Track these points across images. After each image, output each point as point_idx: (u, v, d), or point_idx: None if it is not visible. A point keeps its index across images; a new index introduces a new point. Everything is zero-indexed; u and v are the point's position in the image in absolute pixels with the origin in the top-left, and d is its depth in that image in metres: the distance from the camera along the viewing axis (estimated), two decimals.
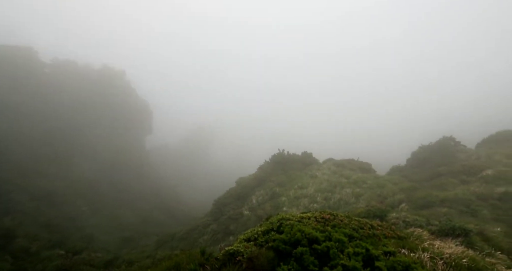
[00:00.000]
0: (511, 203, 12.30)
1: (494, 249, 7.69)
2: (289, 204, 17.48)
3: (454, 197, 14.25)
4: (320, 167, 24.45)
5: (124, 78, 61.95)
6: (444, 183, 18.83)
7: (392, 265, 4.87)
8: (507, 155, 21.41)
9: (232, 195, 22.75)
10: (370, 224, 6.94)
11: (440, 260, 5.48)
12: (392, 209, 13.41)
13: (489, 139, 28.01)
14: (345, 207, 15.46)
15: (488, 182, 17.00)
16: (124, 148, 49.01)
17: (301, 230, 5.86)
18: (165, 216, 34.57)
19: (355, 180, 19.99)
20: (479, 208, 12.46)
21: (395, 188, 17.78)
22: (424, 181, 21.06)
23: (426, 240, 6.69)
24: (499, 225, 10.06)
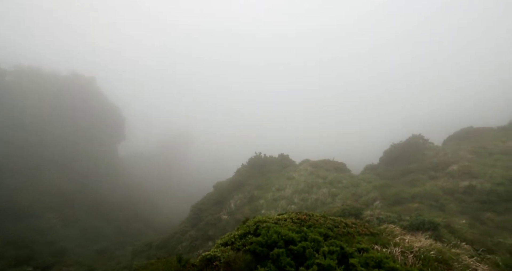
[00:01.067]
0: (474, 196, 13.00)
1: (460, 240, 8.12)
2: (267, 206, 17.56)
3: (424, 192, 14.84)
4: (297, 168, 24.78)
5: (94, 84, 59.98)
6: (415, 179, 19.58)
7: (365, 261, 5.03)
8: (470, 151, 22.63)
9: (210, 200, 22.54)
10: (345, 223, 7.13)
11: (410, 254, 5.72)
12: (367, 207, 13.79)
13: (454, 136, 29.52)
14: (322, 207, 15.74)
15: (454, 177, 17.88)
16: (97, 157, 47.30)
17: (277, 231, 5.93)
18: (142, 225, 33.60)
19: (331, 180, 20.42)
20: (446, 202, 13.07)
21: (369, 186, 18.32)
22: (396, 178, 21.83)
23: (397, 235, 6.95)
24: (464, 218, 10.62)
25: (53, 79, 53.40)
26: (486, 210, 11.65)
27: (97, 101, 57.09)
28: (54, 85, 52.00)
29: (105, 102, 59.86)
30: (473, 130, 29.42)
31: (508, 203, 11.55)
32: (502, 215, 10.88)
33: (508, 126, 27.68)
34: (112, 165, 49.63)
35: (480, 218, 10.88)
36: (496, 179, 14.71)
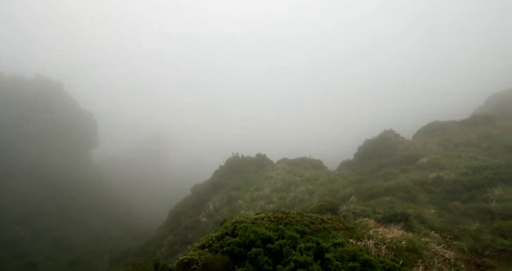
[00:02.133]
0: (442, 186, 13.67)
1: (429, 229, 8.52)
2: (246, 206, 17.60)
3: (396, 185, 15.35)
4: (275, 167, 25.00)
5: (62, 89, 57.48)
6: (388, 173, 20.26)
7: (340, 255, 5.17)
8: (437, 144, 23.74)
9: (188, 203, 22.28)
10: (321, 219, 7.28)
11: (383, 245, 5.94)
12: (343, 202, 14.11)
13: (423, 130, 30.85)
14: (300, 204, 15.97)
15: (423, 169, 18.70)
16: (69, 163, 45.37)
17: (255, 231, 5.96)
18: (119, 232, 32.58)
19: (308, 178, 20.76)
20: (417, 193, 13.63)
21: (345, 182, 18.79)
22: (370, 173, 22.54)
23: (371, 228, 7.18)
24: (433, 207, 11.14)
25: (15, 84, 50.64)
26: (452, 199, 12.27)
27: (66, 106, 54.80)
28: (18, 90, 49.34)
29: (76, 107, 57.58)
30: (440, 124, 30.91)
31: (472, 192, 12.24)
32: (466, 203, 11.51)
33: (470, 119, 29.33)
34: (85, 172, 47.80)
35: (447, 207, 11.45)
36: (461, 169, 15.55)
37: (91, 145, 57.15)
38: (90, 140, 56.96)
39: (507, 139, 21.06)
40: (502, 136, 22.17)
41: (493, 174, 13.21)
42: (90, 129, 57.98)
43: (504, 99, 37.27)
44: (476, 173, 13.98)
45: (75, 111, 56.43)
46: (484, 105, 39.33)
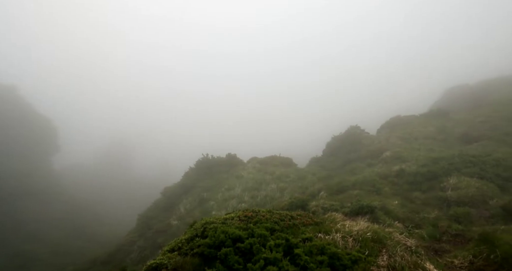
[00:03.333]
0: (404, 178, 14.37)
1: (393, 220, 8.93)
2: (218, 207, 17.46)
3: (363, 179, 15.88)
4: (245, 166, 25.02)
5: (15, 93, 53.61)
6: (355, 168, 21.00)
7: (309, 250, 5.26)
8: (399, 137, 24.93)
9: (158, 207, 21.70)
10: (290, 215, 7.36)
11: (350, 238, 6.13)
12: (313, 198, 14.39)
13: (386, 125, 32.24)
14: (272, 202, 16.10)
15: (387, 162, 19.56)
16: (25, 172, 42.39)
17: (224, 231, 5.92)
18: (84, 241, 30.94)
19: (278, 176, 21.00)
20: (382, 186, 14.20)
21: (314, 178, 19.23)
22: (338, 168, 23.24)
23: (339, 222, 7.37)
24: (397, 199, 11.67)
25: None
26: (414, 190, 12.95)
27: (21, 111, 51.15)
28: None
29: (32, 112, 53.94)
30: (401, 118, 32.49)
31: (431, 182, 12.99)
32: (426, 193, 12.19)
33: (428, 113, 31.10)
34: (45, 180, 44.91)
35: (410, 197, 12.05)
36: (421, 161, 16.44)
37: (51, 151, 53.86)
38: (50, 146, 53.60)
39: (459, 131, 22.58)
40: (455, 128, 23.73)
41: (448, 165, 14.09)
42: (49, 135, 54.57)
43: (456, 93, 39.97)
44: (434, 164, 14.84)
45: (32, 116, 52.88)
46: (440, 100, 41.88)
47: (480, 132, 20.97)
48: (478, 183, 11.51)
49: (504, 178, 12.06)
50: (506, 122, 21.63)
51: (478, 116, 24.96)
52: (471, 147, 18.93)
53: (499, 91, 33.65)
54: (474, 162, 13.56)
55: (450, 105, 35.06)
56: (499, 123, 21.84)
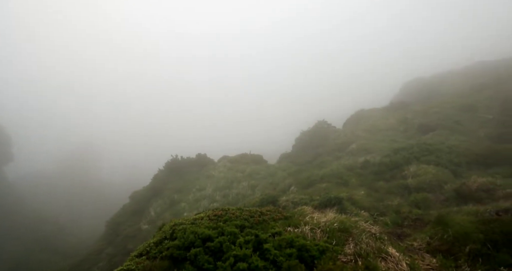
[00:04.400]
0: (369, 169, 15.01)
1: (360, 209, 9.31)
2: (190, 208, 17.23)
3: (331, 172, 16.37)
4: (216, 166, 24.87)
5: None
6: (323, 161, 21.58)
7: (278, 244, 5.35)
8: (364, 130, 25.96)
9: (127, 212, 20.98)
10: (260, 212, 7.43)
11: (318, 229, 6.30)
12: (284, 193, 14.62)
13: (351, 119, 33.44)
14: (243, 200, 16.15)
15: (353, 154, 20.32)
16: None
17: (194, 231, 5.86)
18: (47, 253, 29.10)
19: (249, 173, 21.10)
20: (349, 177, 14.73)
21: (284, 174, 19.53)
22: (307, 163, 23.77)
23: (308, 214, 7.56)
24: (363, 189, 12.17)
25: None
26: (378, 179, 13.56)
27: None
28: None
29: None
30: (365, 112, 33.88)
31: (393, 171, 13.68)
32: (389, 182, 12.82)
33: (389, 106, 32.65)
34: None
35: (374, 187, 12.61)
36: (384, 152, 17.26)
37: (5, 160, 50.11)
38: (2, 155, 49.89)
39: (417, 122, 23.91)
40: (414, 119, 25.11)
41: (408, 154, 14.90)
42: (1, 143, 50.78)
43: (413, 86, 42.32)
44: (395, 154, 15.62)
45: None
46: (400, 93, 44.11)
47: (435, 122, 22.35)
48: (434, 169, 12.30)
49: (456, 163, 12.99)
50: (456, 112, 23.26)
51: (432, 107, 26.58)
52: (428, 136, 20.15)
53: (449, 83, 36.05)
54: (431, 150, 14.45)
55: (408, 97, 37.03)
56: (450, 112, 23.43)
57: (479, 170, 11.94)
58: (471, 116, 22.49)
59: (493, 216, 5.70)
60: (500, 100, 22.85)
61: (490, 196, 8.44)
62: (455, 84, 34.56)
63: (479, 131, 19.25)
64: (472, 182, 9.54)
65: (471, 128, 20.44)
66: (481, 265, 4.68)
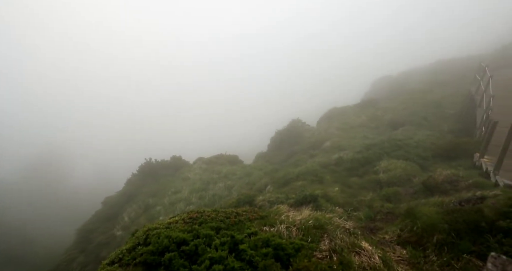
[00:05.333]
0: (343, 166, 15.36)
1: (334, 205, 9.50)
2: (165, 212, 16.87)
3: (306, 170, 16.58)
4: (191, 168, 24.54)
5: None
6: (298, 160, 21.84)
7: (254, 244, 5.35)
8: (337, 127, 26.57)
9: (99, 218, 20.22)
10: (236, 212, 7.40)
11: (294, 227, 6.37)
12: (260, 193, 14.63)
13: (324, 117, 34.10)
14: (220, 201, 16.03)
15: (327, 152, 20.71)
16: None
17: (168, 236, 5.74)
18: (12, 266, 27.49)
19: (225, 174, 20.98)
20: (323, 175, 14.99)
21: (260, 173, 19.58)
22: (283, 161, 23.99)
23: (283, 213, 7.61)
24: (337, 185, 12.42)
25: None
26: (351, 175, 13.92)
27: None
28: None
29: None
30: (337, 109, 34.66)
31: (365, 167, 14.10)
32: (362, 177, 13.20)
33: (360, 103, 33.62)
34: None
35: (348, 183, 12.93)
36: (357, 148, 17.73)
37: None
38: None
39: (387, 118, 24.81)
40: (384, 116, 26.03)
41: (379, 150, 15.42)
42: None
43: (382, 84, 43.90)
44: (367, 150, 16.11)
45: None
46: (370, 90, 45.53)
47: (403, 118, 23.29)
48: (403, 164, 12.80)
49: (423, 157, 13.61)
50: (422, 108, 24.36)
51: (401, 104, 27.70)
52: (397, 132, 20.93)
53: (415, 80, 37.72)
54: (400, 146, 15.05)
55: (378, 94, 38.31)
56: (417, 108, 24.50)
57: (444, 163, 12.56)
58: (436, 111, 23.62)
59: (457, 206, 6.01)
60: (461, 96, 24.21)
61: (454, 188, 8.90)
62: (420, 81, 36.16)
63: (443, 126, 20.24)
64: (438, 175, 10.01)
65: (436, 123, 21.46)
66: (447, 253, 4.92)
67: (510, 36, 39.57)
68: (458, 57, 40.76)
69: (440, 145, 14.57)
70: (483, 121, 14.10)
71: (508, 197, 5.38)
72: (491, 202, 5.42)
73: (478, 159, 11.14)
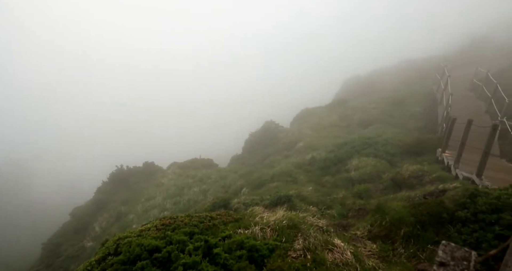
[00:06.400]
0: (316, 165, 15.66)
1: (308, 205, 9.64)
2: (139, 219, 16.37)
3: (280, 171, 16.76)
4: (165, 173, 24.01)
5: None
6: (273, 161, 22.01)
7: (228, 247, 5.31)
8: (309, 128, 27.06)
9: (68, 231, 19.24)
10: (210, 216, 7.32)
11: (268, 228, 6.39)
12: (235, 196, 14.55)
13: (297, 117, 34.61)
14: (195, 205, 15.78)
15: (301, 152, 21.03)
16: None
17: (140, 244, 5.58)
18: None
19: (200, 178, 20.72)
20: (298, 175, 15.21)
21: (235, 176, 19.53)
22: (258, 163, 24.07)
23: (258, 214, 7.62)
24: (311, 185, 12.63)
25: None
26: (325, 174, 14.21)
27: None
28: None
29: None
30: (309, 110, 35.29)
31: (337, 165, 14.45)
32: (335, 176, 13.51)
33: (331, 104, 34.46)
34: None
35: (321, 182, 13.19)
36: (329, 147, 18.14)
37: None
38: None
39: (357, 118, 25.62)
40: (354, 115, 26.85)
41: (351, 148, 15.87)
42: None
43: (351, 84, 45.29)
44: (339, 149, 16.54)
45: None
46: (340, 90, 46.77)
47: (372, 116, 24.15)
48: (373, 161, 13.25)
49: (391, 154, 14.17)
50: (390, 106, 25.40)
51: (370, 103, 28.71)
52: (367, 130, 21.68)
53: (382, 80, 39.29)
54: (369, 144, 15.56)
55: (348, 94, 39.44)
56: (385, 107, 25.52)
57: (410, 159, 13.13)
58: (402, 109, 24.72)
59: (421, 199, 6.30)
60: (424, 94, 25.49)
61: (419, 182, 9.33)
62: (387, 81, 37.70)
63: (409, 123, 21.21)
64: (405, 171, 10.45)
65: (403, 120, 22.45)
66: (413, 245, 5.14)
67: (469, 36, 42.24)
68: (421, 57, 42.89)
69: (407, 142, 15.23)
70: (443, 118, 14.91)
71: (465, 188, 5.72)
72: (451, 194, 5.74)
73: (441, 154, 11.77)
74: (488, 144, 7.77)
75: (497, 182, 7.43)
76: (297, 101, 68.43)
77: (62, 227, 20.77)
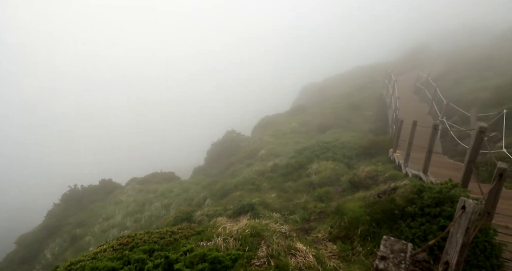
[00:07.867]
0: (278, 172, 15.86)
1: (272, 211, 9.70)
2: (96, 241, 15.30)
3: (243, 179, 16.71)
4: (124, 190, 22.83)
5: None
6: (235, 170, 21.89)
7: (190, 261, 5.14)
8: (271, 135, 27.40)
9: (13, 261, 17.40)
10: (171, 231, 7.07)
11: (231, 238, 6.30)
12: (199, 208, 14.24)
13: (258, 125, 34.93)
14: (157, 221, 15.15)
15: (263, 160, 21.17)
16: None
17: (94, 267, 5.23)
18: None
19: (162, 192, 20.00)
20: (260, 182, 15.24)
21: (198, 188, 19.12)
22: (221, 173, 23.81)
23: (221, 225, 7.49)
24: (273, 191, 12.74)
25: None
26: (287, 180, 14.42)
27: None
28: None
29: None
30: (270, 117, 35.82)
31: (299, 171, 14.74)
32: (296, 181, 13.76)
33: (291, 111, 35.34)
34: None
35: (284, 188, 13.35)
36: (290, 154, 18.48)
37: None
38: None
39: (316, 123, 26.48)
40: (313, 121, 27.73)
41: (310, 153, 16.30)
42: None
43: (309, 90, 46.94)
44: (300, 155, 16.89)
45: None
46: (299, 97, 48.17)
47: (330, 121, 25.10)
48: (332, 164, 13.72)
49: (348, 157, 14.79)
50: (347, 111, 26.62)
51: (327, 108, 29.85)
52: (325, 135, 22.45)
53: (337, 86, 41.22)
54: (328, 148, 16.11)
55: (306, 101, 40.74)
56: (342, 112, 26.68)
57: (366, 160, 13.80)
58: (357, 113, 26.01)
59: (376, 198, 6.61)
60: (375, 98, 27.09)
61: (374, 182, 9.82)
62: (342, 86, 39.58)
63: (364, 126, 22.34)
64: (361, 172, 10.94)
65: (358, 124, 23.60)
66: (370, 242, 5.36)
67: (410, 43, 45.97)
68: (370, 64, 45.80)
69: (362, 144, 16.01)
70: (393, 120, 15.94)
71: (413, 185, 6.12)
72: (401, 191, 6.11)
73: (392, 154, 12.52)
74: (431, 142, 8.41)
75: (440, 177, 8.04)
76: (257, 109, 69.17)
77: (5, 258, 18.76)
